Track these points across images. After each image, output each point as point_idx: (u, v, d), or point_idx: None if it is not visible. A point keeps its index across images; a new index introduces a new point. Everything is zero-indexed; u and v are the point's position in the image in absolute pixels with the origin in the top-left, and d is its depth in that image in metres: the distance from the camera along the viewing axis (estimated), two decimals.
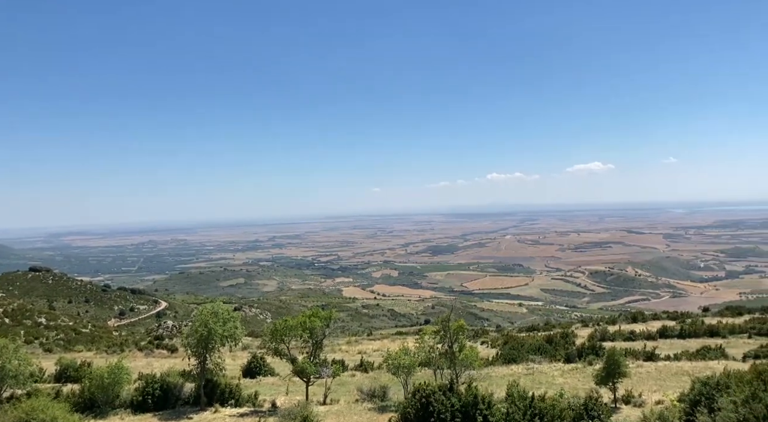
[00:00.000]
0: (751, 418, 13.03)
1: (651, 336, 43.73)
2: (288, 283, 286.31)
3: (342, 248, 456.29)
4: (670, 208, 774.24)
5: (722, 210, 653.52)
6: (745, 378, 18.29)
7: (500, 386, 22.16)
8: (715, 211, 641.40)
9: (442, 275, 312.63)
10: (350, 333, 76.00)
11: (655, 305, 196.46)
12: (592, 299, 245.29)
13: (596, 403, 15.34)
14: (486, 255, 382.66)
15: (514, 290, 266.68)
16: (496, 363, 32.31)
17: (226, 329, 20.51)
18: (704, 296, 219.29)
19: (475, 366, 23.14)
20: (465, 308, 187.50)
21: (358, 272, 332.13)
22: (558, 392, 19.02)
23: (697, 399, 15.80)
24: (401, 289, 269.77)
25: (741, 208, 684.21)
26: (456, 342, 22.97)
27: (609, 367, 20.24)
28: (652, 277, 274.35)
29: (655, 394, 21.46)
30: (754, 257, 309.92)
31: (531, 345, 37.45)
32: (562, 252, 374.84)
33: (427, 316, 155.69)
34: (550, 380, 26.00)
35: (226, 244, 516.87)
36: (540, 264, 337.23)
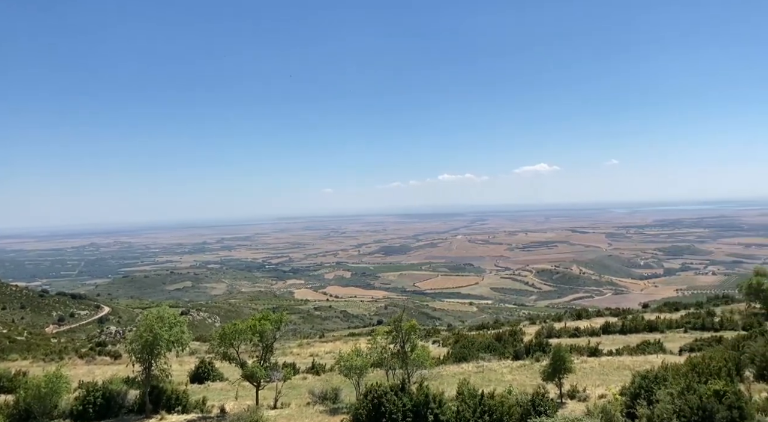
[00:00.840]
0: (686, 409, 13.71)
1: (595, 332, 45.39)
2: (237, 286, 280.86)
3: (293, 250, 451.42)
4: (612, 208, 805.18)
5: (660, 210, 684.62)
6: (681, 370, 19.25)
7: (451, 384, 22.47)
8: (654, 211, 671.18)
9: (395, 276, 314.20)
10: (302, 336, 75.35)
11: (599, 302, 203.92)
12: (539, 298, 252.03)
13: (543, 399, 15.75)
14: (438, 255, 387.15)
15: (465, 289, 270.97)
16: (448, 361, 32.72)
17: (173, 334, 19.92)
18: (644, 293, 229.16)
19: (426, 366, 23.37)
20: (417, 308, 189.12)
21: (310, 274, 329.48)
22: (507, 389, 19.42)
23: (637, 392, 16.49)
24: (354, 290, 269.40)
25: (678, 208, 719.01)
26: (408, 342, 23.14)
27: (555, 363, 20.84)
28: (595, 275, 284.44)
29: (598, 388, 22.25)
30: (689, 254, 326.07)
31: (481, 344, 38.12)
32: (511, 252, 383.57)
33: (380, 317, 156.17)
34: (499, 377, 26.55)
35: (172, 246, 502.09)
36: (490, 263, 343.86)
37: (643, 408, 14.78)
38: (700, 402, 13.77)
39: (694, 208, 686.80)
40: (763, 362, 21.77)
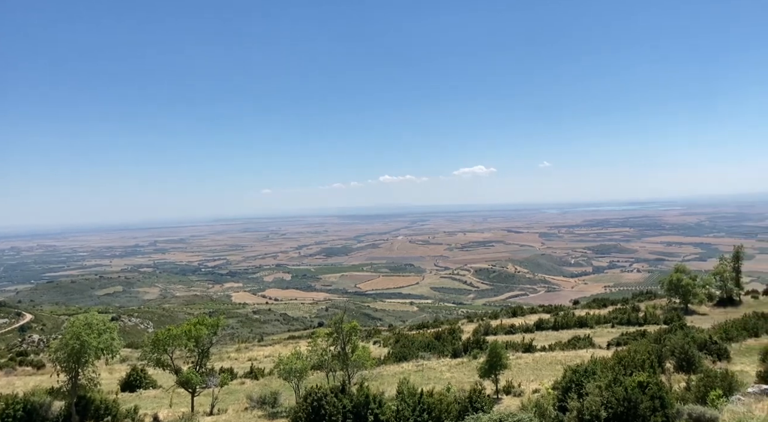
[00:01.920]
0: (613, 401, 14.42)
1: (529, 329, 46.98)
2: (172, 290, 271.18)
3: (231, 252, 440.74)
4: (545, 209, 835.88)
5: (589, 210, 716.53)
6: (609, 364, 20.25)
7: (392, 384, 22.65)
8: (583, 211, 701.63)
9: (336, 277, 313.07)
10: (240, 340, 73.85)
11: (533, 299, 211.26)
12: (477, 296, 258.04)
13: (480, 395, 16.14)
14: (379, 256, 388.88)
15: (406, 289, 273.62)
16: (388, 361, 32.97)
17: (102, 341, 19.03)
18: (575, 290, 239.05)
19: (367, 366, 23.48)
20: (359, 309, 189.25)
21: (249, 277, 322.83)
22: (445, 387, 19.79)
23: (569, 385, 17.18)
24: (294, 292, 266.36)
25: (605, 208, 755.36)
26: (349, 343, 23.17)
27: (491, 360, 21.42)
28: (529, 273, 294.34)
29: (532, 383, 23.04)
30: (616, 253, 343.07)
31: (421, 343, 38.66)
32: (450, 251, 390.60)
33: (320, 319, 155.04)
34: (438, 375, 26.99)
35: (101, 250, 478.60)
36: (430, 263, 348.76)
37: (573, 401, 15.41)
38: (625, 393, 14.52)
39: (621, 208, 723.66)
40: (682, 354, 23.23)
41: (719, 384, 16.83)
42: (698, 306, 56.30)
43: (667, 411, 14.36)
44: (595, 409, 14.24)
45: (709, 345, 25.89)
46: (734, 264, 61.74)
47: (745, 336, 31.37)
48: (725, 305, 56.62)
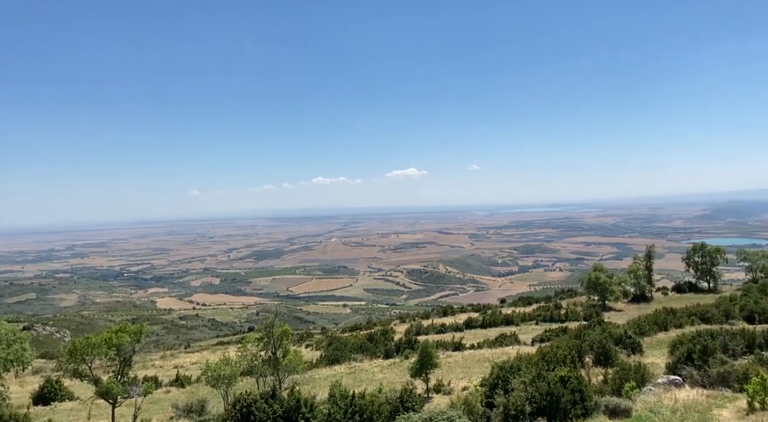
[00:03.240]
0: (537, 395, 15.05)
1: (459, 328, 48.08)
2: (92, 296, 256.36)
3: (156, 256, 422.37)
4: (474, 210, 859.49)
5: (515, 212, 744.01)
6: (533, 360, 21.10)
7: (324, 387, 22.54)
8: (510, 213, 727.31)
9: (268, 281, 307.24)
10: (165, 347, 71.03)
11: (463, 299, 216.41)
12: (409, 296, 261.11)
13: (410, 395, 16.36)
14: (312, 258, 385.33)
15: (339, 291, 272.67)
16: (321, 364, 32.78)
17: (11, 352, 17.79)
18: (502, 289, 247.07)
19: (299, 370, 23.25)
20: (291, 312, 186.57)
21: (175, 282, 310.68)
22: (377, 387, 19.92)
23: (496, 382, 17.76)
24: (223, 297, 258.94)
25: (530, 210, 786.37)
26: (280, 348, 22.85)
27: (422, 360, 21.77)
28: (459, 273, 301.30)
29: (461, 381, 23.61)
30: (540, 252, 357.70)
31: (354, 345, 38.68)
32: (383, 253, 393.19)
33: (251, 323, 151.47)
34: (370, 376, 27.11)
35: (12, 254, 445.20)
36: (363, 265, 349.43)
37: (500, 397, 15.94)
38: (548, 388, 15.19)
39: (544, 210, 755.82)
40: (600, 348, 24.55)
41: (633, 376, 17.93)
42: (615, 303, 59.69)
43: (586, 404, 15.15)
44: (520, 404, 14.80)
45: (624, 339, 27.48)
46: (646, 263, 66.03)
47: (656, 330, 33.53)
48: (639, 302, 60.35)
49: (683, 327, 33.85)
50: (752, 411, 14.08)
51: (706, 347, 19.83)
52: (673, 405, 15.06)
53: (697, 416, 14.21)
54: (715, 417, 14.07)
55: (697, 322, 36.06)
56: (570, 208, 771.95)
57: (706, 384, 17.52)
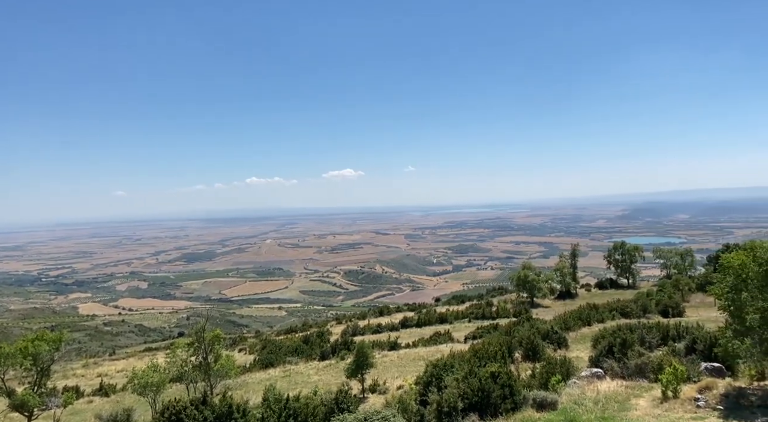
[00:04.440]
0: (469, 391, 15.43)
1: (395, 327, 48.52)
2: (5, 303, 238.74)
3: (78, 260, 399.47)
4: (410, 211, 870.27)
5: (450, 213, 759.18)
6: (466, 357, 21.61)
7: (258, 391, 22.14)
8: (444, 213, 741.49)
9: (199, 284, 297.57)
10: (88, 355, 67.40)
11: (399, 298, 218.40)
12: (346, 297, 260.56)
13: (346, 396, 16.36)
14: (246, 260, 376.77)
15: (275, 293, 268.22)
16: (254, 368, 32.18)
17: None
18: (437, 288, 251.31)
19: (231, 375, 22.77)
20: (223, 316, 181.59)
21: (99, 286, 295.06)
22: (313, 390, 19.78)
23: (429, 380, 18.06)
24: (152, 301, 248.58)
25: (464, 210, 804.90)
26: (211, 353, 22.31)
27: (358, 360, 21.82)
28: (396, 273, 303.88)
29: (397, 380, 23.83)
30: (473, 252, 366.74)
31: (289, 347, 38.19)
32: (320, 254, 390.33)
33: (181, 328, 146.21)
34: (306, 379, 26.86)
35: None
36: (299, 267, 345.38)
37: (434, 394, 16.23)
38: (479, 384, 15.61)
39: (476, 211, 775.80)
40: (529, 344, 25.49)
41: (559, 370, 18.74)
42: (542, 299, 62.16)
43: (515, 398, 15.69)
44: (453, 401, 15.13)
45: (551, 334, 28.68)
46: (571, 261, 69.25)
47: (580, 325, 35.22)
48: (565, 298, 63.16)
49: (605, 321, 35.73)
50: (666, 399, 15.07)
51: (625, 340, 21.02)
52: (595, 397, 15.88)
53: (617, 406, 15.04)
54: (632, 406, 14.95)
55: (618, 317, 38.18)
56: (501, 208, 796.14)
57: (625, 375, 18.58)
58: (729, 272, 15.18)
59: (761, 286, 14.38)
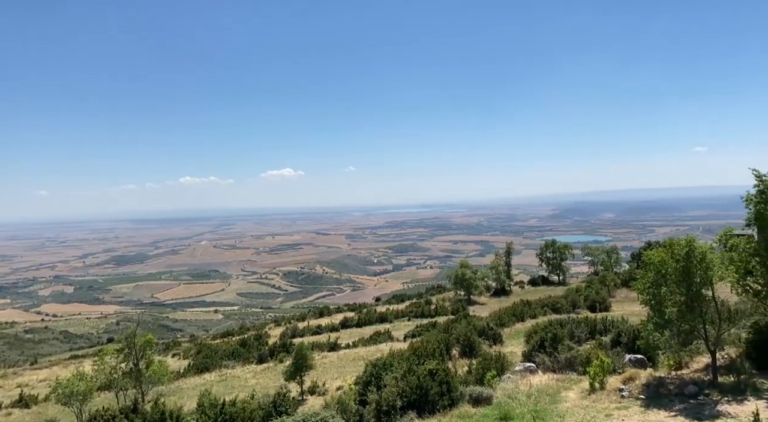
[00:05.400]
0: (407, 390, 15.61)
1: (335, 328, 48.37)
2: None
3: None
4: (351, 211, 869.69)
5: (390, 213, 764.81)
6: (405, 355, 21.84)
7: (192, 397, 21.53)
8: (385, 213, 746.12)
9: (130, 287, 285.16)
10: (7, 365, 63.15)
11: (340, 299, 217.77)
12: (285, 299, 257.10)
13: (284, 398, 16.18)
14: (180, 263, 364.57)
15: (210, 296, 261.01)
16: (189, 373, 31.28)
17: None
18: (377, 288, 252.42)
19: (164, 381, 22.12)
20: (156, 320, 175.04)
21: (20, 291, 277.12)
22: (250, 393, 19.41)
23: (369, 379, 18.14)
24: (78, 307, 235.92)
25: (404, 210, 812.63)
26: (143, 358, 21.63)
27: (297, 362, 21.62)
28: (336, 274, 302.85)
29: (336, 381, 23.77)
30: (413, 251, 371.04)
31: (225, 351, 37.31)
32: (258, 255, 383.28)
33: (110, 334, 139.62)
34: (243, 383, 26.34)
35: None
36: (236, 268, 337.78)
37: (373, 393, 16.32)
38: (418, 381, 15.84)
39: (416, 211, 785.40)
40: (465, 340, 26.07)
41: (494, 366, 19.29)
42: (479, 297, 63.74)
43: (452, 394, 16.02)
44: (392, 399, 15.27)
45: (487, 331, 29.47)
46: (506, 259, 71.44)
47: (514, 321, 36.40)
48: (500, 295, 65.04)
49: (537, 317, 37.08)
50: (593, 391, 15.84)
51: (556, 335, 21.91)
52: (528, 390, 16.46)
53: (548, 399, 15.66)
54: (563, 399, 15.61)
55: (549, 312, 39.72)
56: (440, 208, 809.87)
57: (556, 368, 19.38)
58: (650, 269, 16.11)
59: (678, 281, 15.36)
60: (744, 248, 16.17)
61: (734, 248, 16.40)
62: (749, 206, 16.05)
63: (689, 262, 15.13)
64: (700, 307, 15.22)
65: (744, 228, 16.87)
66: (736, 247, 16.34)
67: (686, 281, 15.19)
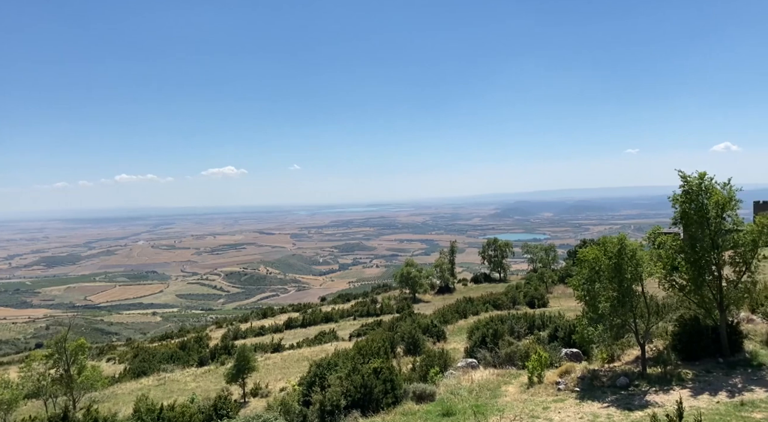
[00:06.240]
0: (352, 389, 15.59)
1: (279, 329, 47.77)
2: None
3: None
4: (296, 210, 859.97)
5: (336, 212, 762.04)
6: (350, 354, 21.80)
7: (128, 403, 20.74)
8: (331, 213, 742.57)
9: (61, 290, 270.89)
10: None
11: (284, 299, 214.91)
12: (227, 300, 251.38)
13: (225, 401, 15.83)
14: (115, 264, 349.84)
15: (148, 298, 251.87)
16: (125, 378, 30.17)
17: None
18: (323, 288, 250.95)
19: (98, 387, 21.28)
20: (90, 324, 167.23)
21: None
22: (190, 397, 18.89)
23: (313, 380, 18.00)
24: (3, 311, 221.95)
25: (350, 210, 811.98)
26: (74, 364, 20.65)
27: (239, 364, 21.19)
28: (281, 274, 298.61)
29: (280, 382, 23.48)
30: (359, 250, 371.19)
31: (164, 354, 36.14)
32: (199, 256, 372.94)
33: (39, 339, 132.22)
34: (182, 386, 25.60)
35: None
36: (176, 269, 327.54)
37: (317, 394, 16.20)
38: (362, 380, 15.85)
39: (362, 210, 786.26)
40: (410, 338, 26.32)
41: (437, 362, 19.57)
42: (424, 295, 64.51)
43: (396, 392, 16.13)
44: (336, 399, 15.21)
45: (431, 328, 29.87)
46: (450, 257, 72.63)
47: (457, 318, 37.05)
48: (444, 293, 66.03)
49: (479, 313, 37.89)
50: (532, 384, 16.34)
51: (496, 331, 22.46)
52: (470, 386, 16.80)
53: (489, 393, 16.03)
54: (503, 393, 16.02)
55: (491, 309, 40.68)
56: (386, 208, 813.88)
57: (497, 364, 19.86)
58: (584, 266, 16.80)
59: (611, 277, 16.09)
60: (670, 246, 17.21)
61: (662, 246, 17.42)
62: (675, 206, 17.09)
63: (621, 259, 15.87)
64: (630, 302, 15.99)
65: (671, 226, 17.89)
66: (664, 244, 17.37)
67: (618, 277, 15.92)
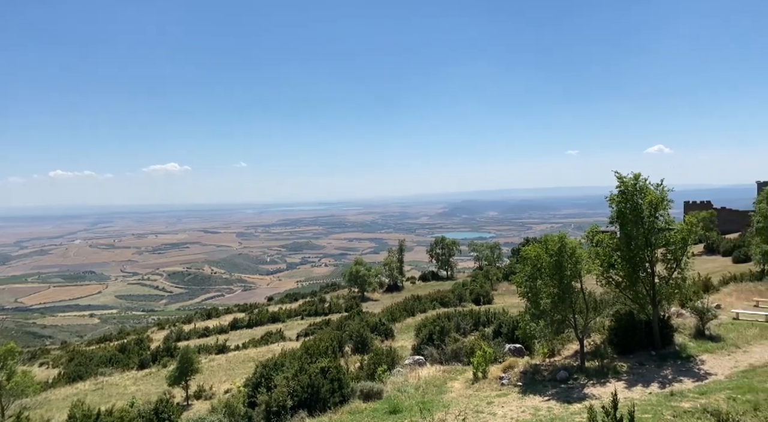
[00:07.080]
0: (298, 389, 15.47)
1: (224, 330, 46.80)
2: None
3: None
4: (243, 209, 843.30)
5: (284, 210, 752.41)
6: (297, 354, 21.61)
7: (62, 409, 19.86)
8: (278, 211, 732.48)
9: None
10: None
11: (229, 299, 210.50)
12: (170, 301, 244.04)
13: (167, 405, 15.37)
14: (49, 264, 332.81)
15: (85, 300, 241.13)
16: (59, 383, 28.83)
17: None
18: (270, 287, 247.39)
19: (29, 393, 20.29)
20: (21, 327, 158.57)
21: None
22: (129, 401, 18.24)
23: (259, 380, 17.73)
24: None
25: (298, 208, 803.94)
26: (3, 370, 19.61)
27: (182, 366, 20.63)
28: (226, 274, 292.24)
29: (224, 384, 23.02)
30: (308, 249, 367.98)
31: (102, 358, 34.78)
32: (140, 255, 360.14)
33: None
34: (122, 390, 24.72)
35: None
36: (115, 270, 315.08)
37: (263, 395, 15.97)
38: (309, 380, 15.75)
39: (311, 208, 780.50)
40: (358, 337, 26.36)
41: (385, 360, 19.68)
42: (372, 293, 64.75)
43: (344, 391, 16.12)
44: (282, 399, 15.05)
45: (379, 326, 30.00)
46: (399, 256, 73.22)
47: (405, 316, 37.37)
48: (392, 291, 66.51)
49: (427, 311, 38.38)
50: (476, 380, 16.69)
51: (443, 328, 22.82)
52: (417, 383, 16.99)
53: (435, 389, 16.26)
54: (449, 389, 16.29)
55: (438, 306, 41.26)
56: (335, 206, 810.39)
57: (443, 360, 20.17)
58: (527, 263, 17.32)
59: (552, 274, 16.65)
60: (607, 244, 18.00)
61: (599, 244, 18.19)
62: (612, 205, 17.89)
63: (561, 257, 16.45)
64: (570, 298, 16.60)
65: (608, 225, 18.70)
66: (601, 243, 18.15)
67: (559, 274, 16.50)
